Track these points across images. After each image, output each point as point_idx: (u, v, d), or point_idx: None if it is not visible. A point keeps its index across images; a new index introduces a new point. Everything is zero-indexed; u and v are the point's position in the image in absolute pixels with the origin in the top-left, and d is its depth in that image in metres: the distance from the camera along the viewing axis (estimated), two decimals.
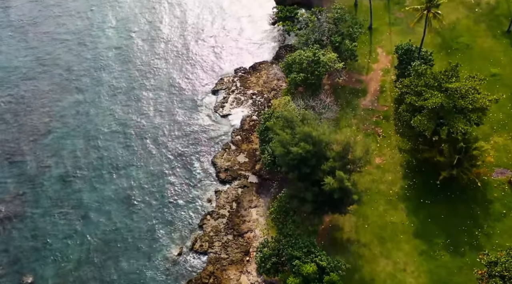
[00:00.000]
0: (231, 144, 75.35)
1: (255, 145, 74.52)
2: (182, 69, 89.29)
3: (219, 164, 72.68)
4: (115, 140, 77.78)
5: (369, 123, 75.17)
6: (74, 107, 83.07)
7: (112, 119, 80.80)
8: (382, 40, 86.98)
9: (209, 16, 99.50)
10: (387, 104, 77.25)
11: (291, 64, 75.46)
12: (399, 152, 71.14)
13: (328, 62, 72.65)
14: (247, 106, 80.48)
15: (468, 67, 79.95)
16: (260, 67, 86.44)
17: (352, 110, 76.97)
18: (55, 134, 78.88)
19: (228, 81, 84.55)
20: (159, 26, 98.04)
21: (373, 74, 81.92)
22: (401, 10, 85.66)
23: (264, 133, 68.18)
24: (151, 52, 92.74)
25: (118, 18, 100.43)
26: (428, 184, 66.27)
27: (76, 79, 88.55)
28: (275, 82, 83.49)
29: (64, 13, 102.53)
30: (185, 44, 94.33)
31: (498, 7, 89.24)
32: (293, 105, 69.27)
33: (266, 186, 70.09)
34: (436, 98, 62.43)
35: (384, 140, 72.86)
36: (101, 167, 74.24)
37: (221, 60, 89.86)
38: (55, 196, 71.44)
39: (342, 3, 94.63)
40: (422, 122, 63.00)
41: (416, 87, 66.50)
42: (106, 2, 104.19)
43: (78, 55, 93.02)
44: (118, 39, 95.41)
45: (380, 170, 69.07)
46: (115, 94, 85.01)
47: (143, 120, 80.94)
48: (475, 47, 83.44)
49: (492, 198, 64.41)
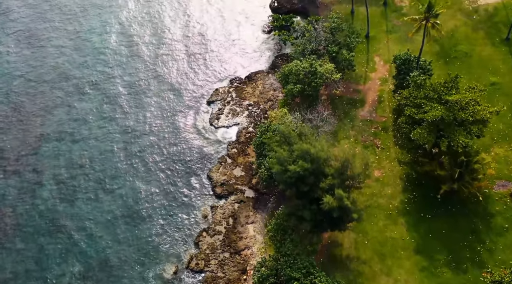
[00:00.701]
0: (227, 157, 73.78)
1: (251, 158, 73.01)
2: (176, 80, 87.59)
3: (215, 178, 71.10)
4: (109, 154, 75.96)
5: (368, 135, 73.81)
6: (67, 120, 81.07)
7: (106, 133, 78.93)
8: (379, 48, 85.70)
9: (203, 25, 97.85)
10: (385, 115, 75.91)
11: (287, 75, 74.06)
12: (398, 164, 69.81)
13: (325, 73, 71.26)
14: (243, 117, 78.94)
15: (467, 76, 78.81)
16: (256, 77, 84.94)
17: (350, 121, 75.60)
18: (48, 147, 76.99)
19: (224, 92, 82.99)
20: (151, 37, 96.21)
21: (371, 84, 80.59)
22: (399, 19, 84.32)
23: (261, 147, 66.71)
24: (144, 63, 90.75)
25: (111, 25, 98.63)
26: (428, 197, 64.95)
27: (69, 90, 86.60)
28: (272, 92, 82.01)
29: (60, 16, 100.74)
30: (179, 54, 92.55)
31: (496, 14, 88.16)
32: (290, 118, 67.83)
33: (263, 200, 68.57)
34: (436, 111, 61.14)
35: (383, 152, 71.50)
36: (95, 182, 72.40)
37: (216, 70, 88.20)
38: (48, 212, 69.52)
39: (338, 10, 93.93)
40: (422, 135, 61.69)
41: (416, 99, 65.23)
42: (98, 8, 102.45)
43: (71, 63, 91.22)
44: (110, 48, 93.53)
45: (379, 184, 67.70)
46: (108, 106, 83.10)
47: (137, 133, 79.10)
48: (474, 55, 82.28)
49: (494, 211, 63.13)
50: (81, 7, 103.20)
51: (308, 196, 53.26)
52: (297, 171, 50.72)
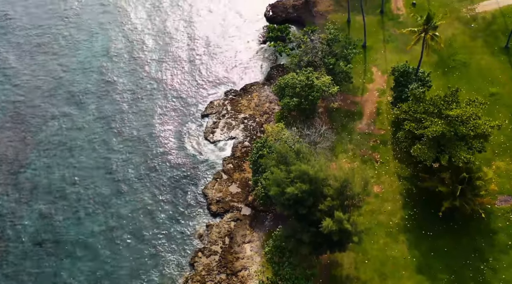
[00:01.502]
0: (222, 173, 71.87)
1: (247, 174, 71.15)
2: (170, 93, 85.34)
3: (210, 195, 69.20)
4: (99, 172, 73.68)
5: (366, 148, 72.17)
6: (55, 136, 78.84)
7: (96, 149, 76.68)
8: (377, 58, 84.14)
9: (197, 36, 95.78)
10: (384, 128, 74.32)
11: (283, 88, 72.41)
12: (398, 179, 68.22)
13: (323, 86, 69.60)
14: (238, 131, 77.08)
15: (466, 86, 77.50)
16: (252, 89, 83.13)
17: (348, 135, 73.94)
18: (35, 165, 74.72)
19: (219, 105, 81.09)
20: (143, 49, 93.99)
21: (369, 95, 79.00)
22: (398, 31, 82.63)
23: (257, 163, 64.91)
24: (137, 76, 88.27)
25: (105, 38, 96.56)
26: (429, 214, 63.42)
27: (62, 100, 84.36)
28: (267, 104, 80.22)
29: (56, 24, 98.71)
30: (172, 66, 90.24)
31: (494, 22, 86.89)
32: (287, 133, 66.11)
33: (260, 218, 66.74)
34: (437, 126, 59.64)
35: (382, 167, 69.88)
36: (84, 201, 69.94)
37: (211, 82, 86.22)
38: (35, 233, 67.20)
39: (335, 19, 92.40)
40: (422, 151, 60.23)
41: (415, 113, 63.73)
42: (92, 20, 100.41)
43: (64, 72, 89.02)
44: (104, 62, 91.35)
45: (379, 200, 66.06)
46: (98, 121, 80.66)
47: (128, 149, 76.76)
48: (473, 65, 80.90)
49: (497, 228, 61.66)
50: (76, 16, 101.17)
51: (307, 218, 51.48)
52: (295, 193, 48.92)
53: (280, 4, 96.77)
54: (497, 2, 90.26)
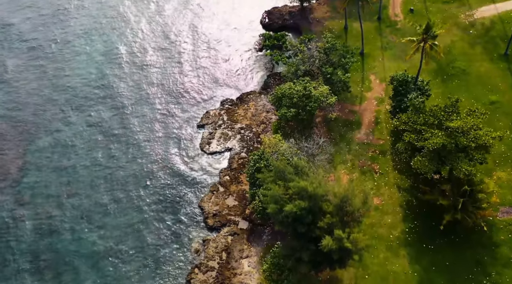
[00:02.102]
0: (219, 186, 70.43)
1: (244, 186, 69.76)
2: (164, 103, 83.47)
3: (206, 209, 67.74)
4: (93, 185, 71.91)
5: (365, 159, 70.92)
6: (49, 149, 77.09)
7: (90, 162, 74.96)
8: (374, 66, 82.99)
9: (192, 43, 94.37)
10: (383, 138, 73.09)
11: (280, 98, 71.13)
12: (398, 191, 66.97)
13: (320, 96, 68.33)
14: (235, 142, 75.65)
15: (465, 94, 76.45)
16: (248, 98, 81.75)
17: (346, 145, 72.68)
18: (29, 179, 72.99)
19: (215, 115, 79.64)
20: (137, 57, 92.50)
21: (367, 104, 77.80)
22: (397, 40, 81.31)
23: (254, 176, 63.48)
24: (130, 86, 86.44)
25: (95, 46, 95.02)
26: (430, 226, 62.13)
27: (52, 115, 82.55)
28: (264, 114, 78.85)
29: (42, 34, 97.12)
30: (167, 75, 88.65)
31: (493, 28, 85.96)
32: (285, 145, 64.75)
33: (258, 232, 65.31)
34: (437, 138, 58.48)
35: (382, 178, 68.63)
36: (79, 216, 68.30)
37: (206, 92, 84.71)
38: (29, 250, 65.52)
39: (331, 26, 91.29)
40: (422, 163, 59.04)
41: (415, 124, 62.56)
42: (84, 30, 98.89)
43: (53, 86, 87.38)
44: (94, 71, 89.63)
45: (379, 212, 64.77)
46: (92, 132, 79.01)
47: (123, 160, 75.01)
48: (472, 72, 79.89)
49: (499, 241, 60.45)
50: (67, 27, 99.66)
51: (306, 236, 50.14)
52: (293, 211, 47.59)
53: (276, 11, 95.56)
54: (496, 8, 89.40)
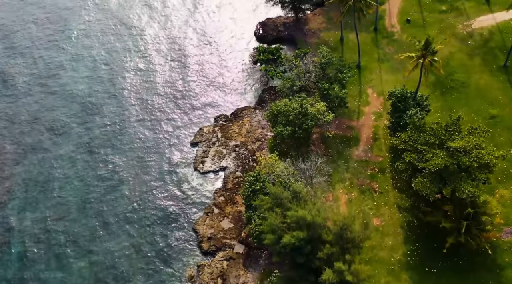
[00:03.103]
0: (213, 207, 68.11)
1: (240, 207, 67.51)
2: (156, 120, 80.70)
3: (201, 232, 65.39)
4: (81, 207, 69.08)
5: (364, 177, 68.89)
6: (37, 170, 74.31)
7: (78, 183, 72.25)
8: (372, 79, 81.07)
9: (184, 56, 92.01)
10: (381, 154, 71.11)
11: (276, 114, 69.00)
12: (398, 211, 64.98)
13: (317, 114, 66.25)
14: (229, 160, 73.35)
15: (465, 108, 74.80)
16: (243, 114, 79.48)
17: (344, 162, 70.63)
18: (16, 202, 70.29)
19: (208, 132, 77.32)
20: (127, 70, 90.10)
21: (365, 119, 75.82)
22: (395, 57, 79.21)
23: (250, 198, 61.29)
24: (120, 101, 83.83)
25: (84, 62, 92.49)
26: (433, 249, 60.17)
27: (42, 133, 79.75)
28: (259, 130, 76.64)
29: (31, 51, 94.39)
30: (159, 89, 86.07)
31: (492, 39, 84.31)
32: (281, 166, 62.58)
33: (254, 257, 63.03)
34: (439, 159, 56.56)
35: (381, 197, 66.62)
36: (66, 243, 65.41)
37: (200, 107, 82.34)
38: (15, 279, 62.74)
39: (327, 37, 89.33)
40: (424, 185, 57.07)
41: (415, 143, 60.60)
42: (73, 45, 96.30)
43: (42, 102, 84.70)
44: (85, 88, 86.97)
45: (379, 234, 62.72)
46: (82, 151, 76.27)
47: (112, 182, 72.11)
48: (471, 85, 78.17)
49: (504, 263, 58.57)
50: (56, 39, 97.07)
51: (305, 266, 47.97)
52: (292, 242, 45.41)
53: (271, 22, 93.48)
54: (494, 18, 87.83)
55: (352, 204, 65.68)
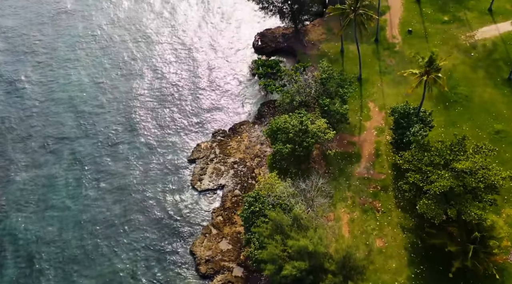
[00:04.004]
0: (211, 227, 66.06)
1: (239, 227, 65.51)
2: (152, 135, 78.41)
3: (198, 254, 63.33)
4: (75, 228, 66.67)
5: (366, 196, 66.96)
6: (30, 187, 72.01)
7: (72, 202, 69.79)
8: (373, 93, 79.20)
9: (180, 69, 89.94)
10: (384, 171, 69.20)
11: (275, 131, 67.07)
12: (402, 231, 63.02)
13: (318, 132, 64.31)
14: (228, 178, 71.33)
15: (469, 122, 73.05)
16: (241, 129, 77.49)
17: (346, 180, 68.69)
18: (8, 222, 67.87)
19: (206, 148, 75.29)
20: (123, 83, 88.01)
21: (366, 134, 73.91)
22: (398, 74, 77.01)
23: (249, 220, 59.31)
24: (115, 117, 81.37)
25: (79, 74, 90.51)
26: (438, 271, 58.33)
27: (33, 150, 77.51)
28: (258, 146, 74.66)
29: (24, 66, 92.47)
30: (155, 104, 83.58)
31: (495, 50, 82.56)
32: (281, 187, 60.57)
33: (254, 280, 60.92)
34: (444, 180, 54.64)
35: (384, 217, 64.68)
36: (57, 266, 62.80)
37: (197, 122, 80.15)
38: None
39: (327, 49, 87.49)
40: (429, 207, 55.13)
41: (419, 162, 58.70)
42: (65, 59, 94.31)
43: (35, 116, 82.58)
44: (77, 100, 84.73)
45: (382, 256, 60.74)
46: (74, 170, 73.50)
47: (107, 201, 69.64)
48: (475, 98, 76.39)
49: None
50: (50, 47, 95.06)
51: None
52: (293, 274, 43.46)
53: (269, 33, 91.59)
54: (497, 28, 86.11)
55: (354, 224, 63.94)
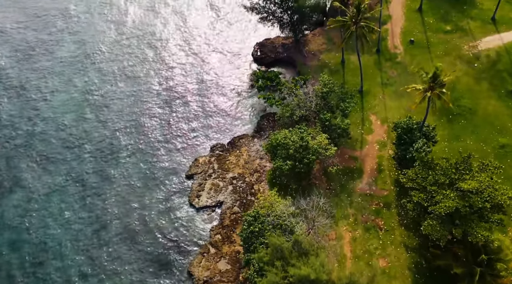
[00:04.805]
0: (210, 246, 64.32)
1: (238, 246, 63.80)
2: (149, 150, 76.26)
3: (196, 275, 61.61)
4: (68, 247, 64.92)
5: (368, 213, 65.29)
6: (20, 209, 69.90)
7: (65, 221, 67.67)
8: (375, 105, 77.52)
9: (178, 80, 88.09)
10: (386, 188, 67.54)
11: (275, 146, 65.44)
12: (405, 250, 61.37)
13: (319, 148, 62.65)
14: (227, 194, 69.63)
15: (473, 136, 71.46)
16: (240, 143, 75.78)
17: (347, 197, 67.03)
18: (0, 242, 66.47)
19: (204, 163, 73.55)
20: (117, 96, 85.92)
21: (368, 149, 72.24)
22: (401, 89, 74.92)
23: (248, 240, 57.64)
24: (111, 131, 79.23)
25: (73, 87, 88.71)
26: None
27: (24, 169, 74.90)
28: (258, 161, 72.97)
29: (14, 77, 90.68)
30: (152, 117, 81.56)
31: (499, 61, 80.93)
32: (281, 205, 58.93)
33: None
34: (449, 201, 53.01)
35: (387, 235, 63.02)
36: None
37: (195, 136, 78.26)
38: None
39: (327, 60, 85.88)
40: (434, 228, 53.49)
41: (424, 181, 57.04)
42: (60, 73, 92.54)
43: (28, 130, 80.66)
44: (73, 116, 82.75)
45: (386, 277, 59.07)
46: (68, 187, 71.64)
47: (101, 219, 67.55)
48: (479, 111, 74.77)
49: None
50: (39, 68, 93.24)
51: None
52: None
53: (269, 43, 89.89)
54: (500, 38, 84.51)
55: (356, 244, 62.31)
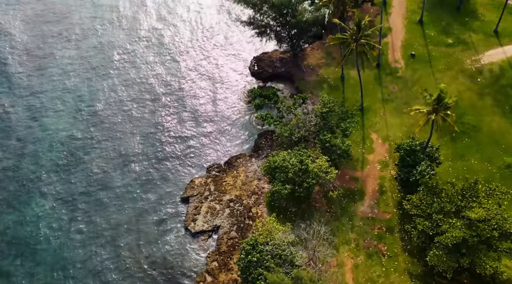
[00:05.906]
0: (206, 275, 61.85)
1: (235, 274, 61.30)
2: (143, 170, 73.47)
3: None
4: (60, 272, 62.50)
5: (371, 238, 62.98)
6: (11, 232, 67.54)
7: (58, 245, 65.02)
8: (376, 123, 75.28)
9: (172, 96, 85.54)
10: (389, 210, 65.25)
11: (274, 169, 63.17)
12: (409, 278, 59.03)
13: (319, 172, 60.35)
14: (223, 218, 67.15)
15: (477, 155, 69.30)
16: (237, 163, 73.36)
17: (348, 220, 64.71)
18: None
19: (200, 184, 71.09)
20: (113, 112, 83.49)
21: (370, 169, 69.96)
22: (404, 111, 72.35)
23: (246, 270, 55.22)
24: (105, 151, 76.54)
25: (65, 104, 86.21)
26: None
27: (15, 189, 72.67)
28: (256, 182, 70.57)
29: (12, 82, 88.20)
30: (146, 135, 78.88)
31: (503, 75, 78.85)
32: (280, 233, 56.57)
33: None
34: (456, 230, 50.88)
35: (391, 262, 60.67)
36: None
37: (191, 156, 75.68)
38: None
39: (327, 75, 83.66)
40: (440, 259, 51.31)
41: (428, 208, 54.84)
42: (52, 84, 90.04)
43: (19, 154, 78.14)
44: (66, 133, 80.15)
45: None
46: (61, 210, 69.10)
47: (92, 247, 64.71)
48: (483, 128, 72.63)
49: None
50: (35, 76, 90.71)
51: None
52: None
53: (266, 57, 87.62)
54: (504, 51, 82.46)
55: (358, 271, 59.98)
